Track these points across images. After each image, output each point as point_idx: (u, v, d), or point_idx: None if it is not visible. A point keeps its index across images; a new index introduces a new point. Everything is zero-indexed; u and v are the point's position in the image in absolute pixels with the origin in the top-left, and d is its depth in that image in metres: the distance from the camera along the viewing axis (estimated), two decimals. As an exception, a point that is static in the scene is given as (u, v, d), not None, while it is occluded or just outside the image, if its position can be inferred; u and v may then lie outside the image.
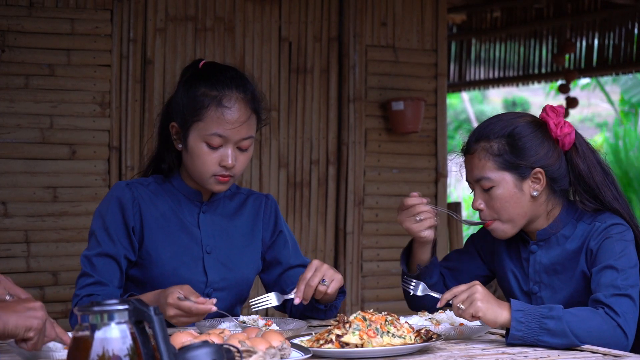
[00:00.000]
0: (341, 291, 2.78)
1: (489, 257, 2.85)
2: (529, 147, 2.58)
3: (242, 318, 2.53)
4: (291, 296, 2.62)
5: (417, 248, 2.82)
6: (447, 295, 2.45)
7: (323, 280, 2.60)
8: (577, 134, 2.66)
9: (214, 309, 2.42)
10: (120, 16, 4.88)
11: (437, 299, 2.53)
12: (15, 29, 4.65)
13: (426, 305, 2.73)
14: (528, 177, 2.58)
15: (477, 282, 2.45)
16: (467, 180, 2.67)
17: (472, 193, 2.68)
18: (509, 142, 2.58)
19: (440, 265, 2.89)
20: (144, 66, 4.95)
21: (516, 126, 2.60)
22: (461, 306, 2.40)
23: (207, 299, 2.43)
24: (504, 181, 2.58)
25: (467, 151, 2.65)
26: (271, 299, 2.64)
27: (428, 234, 2.75)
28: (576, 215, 2.64)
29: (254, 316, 2.52)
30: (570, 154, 2.64)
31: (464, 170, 2.71)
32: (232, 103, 2.63)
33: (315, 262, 2.64)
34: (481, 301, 2.38)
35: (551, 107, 2.65)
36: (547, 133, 2.62)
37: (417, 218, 2.74)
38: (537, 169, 2.58)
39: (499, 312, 2.38)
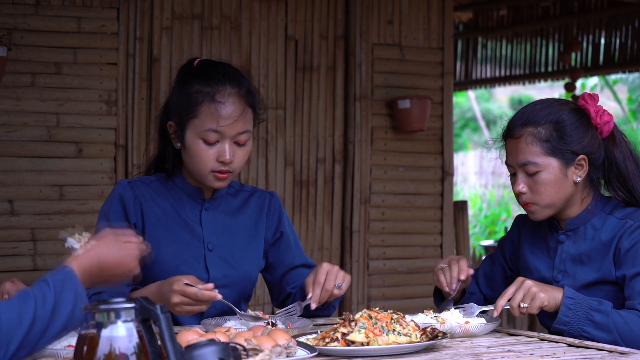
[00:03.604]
0: None
1: (513, 256, 2.87)
2: (575, 134, 2.61)
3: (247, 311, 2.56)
4: (308, 302, 2.62)
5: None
6: (502, 302, 2.51)
7: (339, 284, 2.61)
8: (614, 123, 2.68)
9: (219, 296, 2.43)
10: (127, 14, 4.89)
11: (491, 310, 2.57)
12: (22, 27, 4.65)
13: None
14: (572, 163, 2.62)
15: (521, 277, 2.53)
16: (508, 163, 2.68)
17: (511, 176, 2.68)
18: (557, 128, 2.61)
19: (477, 271, 2.94)
20: (150, 64, 4.95)
21: (563, 113, 2.63)
22: (524, 305, 2.47)
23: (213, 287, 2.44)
24: (550, 166, 2.60)
25: (512, 135, 2.66)
26: (296, 310, 2.65)
27: (439, 283, 2.79)
28: (606, 208, 2.66)
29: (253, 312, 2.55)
30: (607, 142, 2.67)
31: (505, 153, 2.71)
32: (226, 98, 2.63)
33: (326, 266, 2.64)
34: (541, 291, 2.47)
35: (589, 94, 2.68)
36: (589, 120, 2.65)
37: (442, 265, 2.79)
38: (581, 156, 2.62)
39: (557, 295, 2.49)
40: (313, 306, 2.60)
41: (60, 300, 1.81)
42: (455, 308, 2.65)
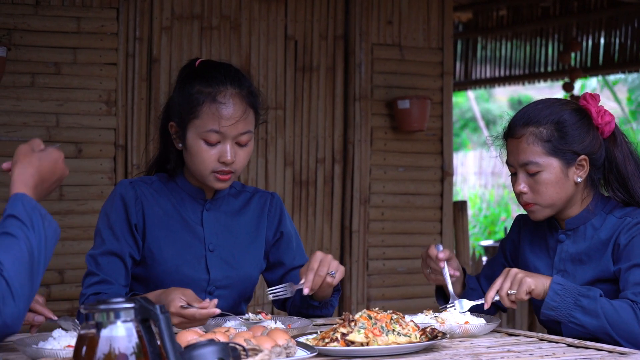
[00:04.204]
0: (336, 289, 2.78)
1: (514, 256, 2.87)
2: (576, 135, 2.61)
3: (246, 316, 2.55)
4: (300, 287, 2.61)
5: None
6: (491, 293, 2.53)
7: (332, 272, 2.61)
8: (615, 124, 2.68)
9: (217, 311, 2.41)
10: (127, 14, 4.89)
11: (482, 304, 2.58)
12: (22, 27, 4.66)
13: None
14: (573, 163, 2.62)
15: (508, 268, 2.56)
16: (509, 163, 2.68)
17: (512, 175, 2.68)
18: (558, 128, 2.61)
19: (479, 275, 2.93)
20: (149, 64, 4.95)
21: (564, 113, 2.63)
22: (511, 291, 2.49)
23: (209, 300, 2.42)
24: (551, 166, 2.60)
25: (513, 135, 2.66)
26: (287, 290, 2.64)
27: (437, 281, 2.82)
28: (606, 208, 2.67)
29: (254, 315, 2.54)
30: (607, 142, 2.67)
31: (506, 153, 2.71)
32: (227, 99, 2.63)
33: (320, 254, 2.64)
34: (527, 277, 2.49)
35: (590, 94, 2.68)
36: (590, 121, 2.65)
37: (427, 271, 2.82)
38: (583, 156, 2.62)
39: (545, 282, 2.49)
40: (306, 291, 2.59)
41: (33, 226, 1.95)
42: (448, 306, 2.66)
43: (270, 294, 2.62)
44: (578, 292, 2.46)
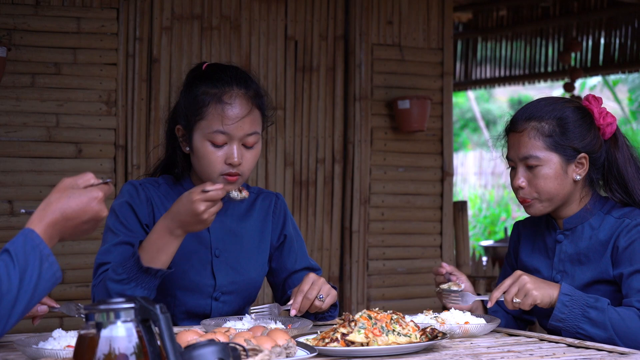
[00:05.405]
0: (333, 304, 2.77)
1: (515, 261, 2.88)
2: (577, 132, 2.63)
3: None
4: (288, 308, 2.61)
5: None
6: (497, 293, 2.54)
7: (320, 295, 2.59)
8: (617, 126, 2.69)
9: (226, 190, 2.51)
10: (127, 15, 4.89)
11: (486, 301, 2.59)
12: (22, 28, 4.66)
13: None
14: (573, 161, 2.64)
15: (518, 271, 2.56)
16: (509, 157, 2.70)
17: (511, 170, 2.69)
18: (560, 124, 2.63)
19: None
20: (150, 65, 4.95)
21: (566, 110, 2.65)
22: (516, 300, 2.50)
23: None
24: (551, 162, 2.62)
25: (515, 129, 2.67)
26: (272, 312, 2.64)
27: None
28: (604, 208, 2.68)
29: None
30: (608, 144, 2.69)
31: (506, 147, 2.72)
32: (233, 99, 2.61)
33: (312, 276, 2.63)
34: (534, 289, 2.49)
35: (593, 96, 2.70)
36: (592, 120, 2.67)
37: (437, 289, 2.81)
38: (583, 154, 2.63)
39: (551, 293, 2.51)
40: (292, 313, 2.58)
41: (26, 266, 1.83)
42: (457, 297, 2.66)
43: (253, 313, 2.60)
44: (586, 303, 2.46)
